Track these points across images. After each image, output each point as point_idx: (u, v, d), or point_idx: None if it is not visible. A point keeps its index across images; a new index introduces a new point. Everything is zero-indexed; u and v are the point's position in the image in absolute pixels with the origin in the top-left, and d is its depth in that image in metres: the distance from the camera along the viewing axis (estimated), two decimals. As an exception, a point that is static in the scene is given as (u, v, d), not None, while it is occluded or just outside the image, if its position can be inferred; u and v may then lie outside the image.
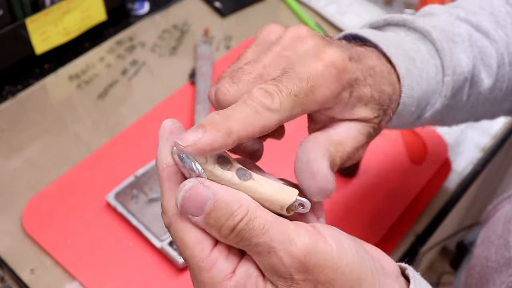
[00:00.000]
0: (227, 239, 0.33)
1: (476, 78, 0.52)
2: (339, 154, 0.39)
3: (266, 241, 0.32)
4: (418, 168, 0.80)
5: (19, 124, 0.85)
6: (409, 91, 0.44)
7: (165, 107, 0.87)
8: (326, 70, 0.37)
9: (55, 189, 0.76)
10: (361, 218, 0.75)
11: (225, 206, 0.32)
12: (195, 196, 0.32)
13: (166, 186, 0.34)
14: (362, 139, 0.40)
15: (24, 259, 0.70)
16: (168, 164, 0.34)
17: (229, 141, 0.33)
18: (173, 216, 0.34)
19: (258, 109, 0.34)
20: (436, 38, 0.48)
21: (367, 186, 0.78)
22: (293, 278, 0.32)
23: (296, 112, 0.36)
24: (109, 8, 0.96)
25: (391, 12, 1.05)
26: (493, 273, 0.53)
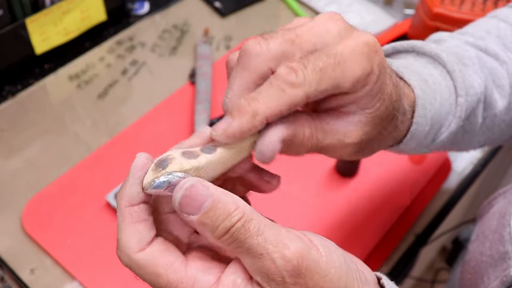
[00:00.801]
0: (220, 239, 0.32)
1: (490, 99, 0.52)
2: (311, 138, 0.38)
3: (260, 243, 0.32)
4: (418, 168, 0.80)
5: (19, 124, 0.85)
6: (422, 111, 0.45)
7: (165, 107, 0.87)
8: (357, 48, 0.36)
9: (55, 189, 0.76)
10: (361, 218, 0.75)
11: (222, 207, 0.32)
12: (195, 194, 0.32)
13: (127, 222, 0.34)
14: (353, 134, 0.39)
15: (24, 259, 0.70)
16: (133, 201, 0.34)
17: (255, 122, 0.34)
18: (134, 253, 0.34)
19: (282, 87, 0.34)
20: (447, 60, 0.49)
21: (367, 186, 0.78)
22: (285, 281, 0.32)
23: (323, 87, 0.35)
24: (109, 8, 0.96)
25: (391, 12, 1.05)
26: (488, 267, 0.53)
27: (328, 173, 0.79)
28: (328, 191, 0.77)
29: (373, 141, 0.42)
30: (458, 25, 0.89)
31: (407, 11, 1.05)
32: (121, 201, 0.35)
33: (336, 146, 0.39)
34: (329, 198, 0.77)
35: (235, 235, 0.32)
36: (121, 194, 0.35)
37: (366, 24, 1.01)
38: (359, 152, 0.41)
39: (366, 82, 0.37)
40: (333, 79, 0.35)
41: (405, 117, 0.44)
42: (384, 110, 0.39)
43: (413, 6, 1.05)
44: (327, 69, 0.35)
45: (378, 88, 0.38)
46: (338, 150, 0.40)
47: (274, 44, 0.36)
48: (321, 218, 0.74)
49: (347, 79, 0.36)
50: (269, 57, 0.36)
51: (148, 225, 0.34)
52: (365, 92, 0.37)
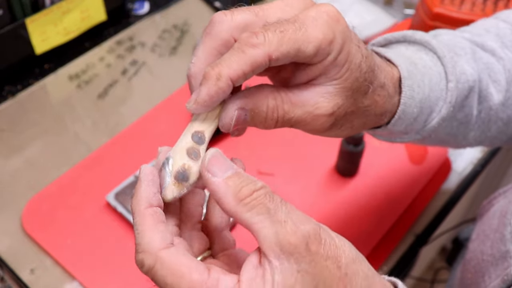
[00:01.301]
0: (241, 203, 0.32)
1: (485, 92, 0.52)
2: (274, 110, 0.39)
3: (284, 210, 0.32)
4: (418, 168, 0.80)
5: (19, 124, 0.85)
6: (409, 92, 0.45)
7: (165, 107, 0.87)
8: (318, 15, 0.37)
9: (55, 189, 0.76)
10: (361, 218, 0.75)
11: (246, 176, 0.33)
12: (223, 159, 0.34)
13: (149, 223, 0.34)
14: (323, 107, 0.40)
15: (24, 259, 0.70)
16: (152, 203, 0.35)
17: (221, 84, 0.35)
18: (159, 251, 0.33)
19: (242, 48, 0.35)
20: (437, 47, 0.49)
21: (367, 186, 0.78)
22: (309, 249, 0.32)
23: (284, 48, 0.36)
24: (109, 8, 0.96)
25: (391, 12, 1.05)
26: (489, 266, 0.54)
27: (328, 173, 0.79)
28: (328, 191, 0.77)
29: (350, 116, 0.42)
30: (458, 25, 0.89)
31: (407, 11, 1.05)
32: (139, 204, 0.35)
33: (307, 119, 0.39)
34: (329, 198, 0.77)
35: (259, 199, 0.32)
36: (137, 198, 0.35)
37: (366, 24, 1.01)
38: (335, 127, 0.41)
39: (330, 49, 0.37)
40: (294, 41, 0.36)
41: (384, 91, 0.43)
42: (353, 81, 0.39)
43: (413, 6, 1.05)
44: (288, 31, 0.36)
45: (344, 58, 0.38)
46: (310, 123, 0.40)
47: (239, 14, 0.38)
48: (321, 218, 0.74)
49: (309, 43, 0.36)
50: (232, 26, 0.37)
51: (168, 228, 0.35)
52: (330, 61, 0.38)
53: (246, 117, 0.38)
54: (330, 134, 0.43)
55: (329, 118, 0.40)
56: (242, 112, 0.37)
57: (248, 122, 0.38)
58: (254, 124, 0.39)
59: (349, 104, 0.40)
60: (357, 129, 0.44)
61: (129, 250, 0.70)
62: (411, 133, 0.49)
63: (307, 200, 0.76)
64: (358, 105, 0.41)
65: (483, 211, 0.63)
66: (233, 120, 0.37)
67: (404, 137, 0.50)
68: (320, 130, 0.41)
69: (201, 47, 0.38)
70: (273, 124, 0.39)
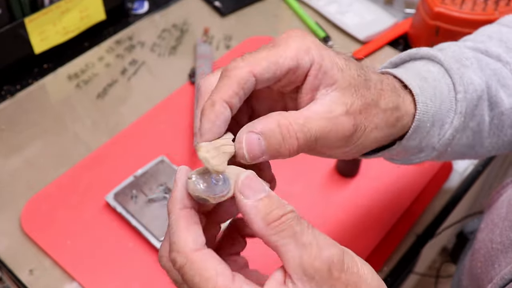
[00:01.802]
0: (269, 226, 0.34)
1: (495, 98, 0.53)
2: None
3: (310, 234, 0.34)
4: (419, 168, 0.80)
5: (18, 124, 0.84)
6: (423, 108, 0.46)
7: (164, 107, 0.87)
8: (288, 35, 0.40)
9: (54, 189, 0.76)
10: (362, 218, 0.74)
11: (277, 199, 0.35)
12: (256, 181, 0.35)
13: (183, 224, 0.36)
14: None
15: (23, 260, 0.70)
16: (186, 205, 0.36)
17: (217, 107, 0.37)
18: (190, 252, 0.35)
19: (227, 74, 0.38)
20: (443, 59, 0.50)
21: (368, 187, 0.78)
22: (332, 274, 0.33)
23: (265, 63, 0.38)
24: (108, 8, 0.96)
25: (391, 12, 1.04)
26: (499, 254, 0.54)
27: (328, 173, 0.79)
28: (328, 191, 0.77)
29: (366, 112, 0.42)
30: (459, 24, 0.89)
31: (408, 11, 1.05)
32: (175, 205, 0.36)
33: (328, 125, 0.39)
34: (329, 198, 0.76)
35: (287, 223, 0.34)
36: (173, 199, 0.37)
37: (366, 24, 1.01)
38: (358, 129, 0.42)
39: (310, 57, 0.39)
40: (271, 55, 0.38)
41: (385, 84, 0.44)
42: (350, 78, 0.40)
43: (413, 5, 1.04)
44: (264, 50, 0.39)
45: (330, 61, 0.40)
46: (333, 129, 0.40)
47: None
48: (322, 218, 0.74)
49: (285, 55, 0.39)
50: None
51: (201, 229, 0.36)
52: (317, 69, 0.39)
53: (260, 141, 0.37)
54: (356, 142, 0.42)
55: (348, 118, 0.40)
56: (254, 137, 0.37)
57: (266, 150, 0.38)
58: (274, 150, 0.38)
59: (359, 101, 0.41)
60: (381, 129, 0.44)
61: (129, 251, 0.70)
62: (427, 150, 0.50)
63: (307, 201, 0.76)
64: (367, 100, 0.42)
65: (491, 201, 0.64)
66: (243, 144, 0.37)
67: (421, 156, 0.50)
68: (347, 135, 0.41)
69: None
70: (294, 143, 0.39)
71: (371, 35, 0.99)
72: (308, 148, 0.40)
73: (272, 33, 1.01)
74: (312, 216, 0.75)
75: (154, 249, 0.70)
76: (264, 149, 0.37)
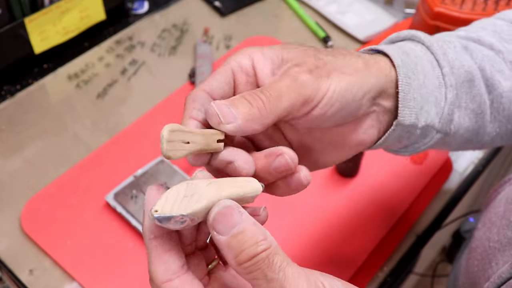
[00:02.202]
0: (241, 266, 0.33)
1: (492, 81, 0.52)
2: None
3: (280, 279, 0.33)
4: (419, 168, 0.80)
5: (18, 124, 0.84)
6: (406, 79, 0.45)
7: (164, 107, 0.87)
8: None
9: (54, 189, 0.76)
10: (362, 218, 0.74)
11: (251, 234, 0.33)
12: (229, 215, 0.33)
13: (154, 254, 0.35)
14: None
15: (23, 260, 0.70)
16: (156, 234, 0.35)
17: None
18: (161, 283, 0.35)
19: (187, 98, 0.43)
20: (424, 37, 0.49)
21: (368, 187, 0.78)
22: None
23: (209, 78, 0.42)
24: (109, 8, 0.96)
25: (391, 12, 1.04)
26: (496, 253, 0.54)
27: (328, 173, 0.79)
28: (328, 191, 0.77)
29: (323, 68, 0.42)
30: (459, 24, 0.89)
31: (408, 11, 1.05)
32: (145, 235, 0.36)
33: (285, 81, 0.40)
34: (329, 198, 0.76)
35: (257, 264, 0.33)
36: (143, 229, 0.36)
37: (366, 24, 1.01)
38: (314, 72, 0.42)
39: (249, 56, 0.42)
40: (215, 72, 0.43)
41: (373, 59, 0.45)
42: (293, 47, 0.43)
43: (413, 5, 1.04)
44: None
45: (268, 50, 0.43)
46: (291, 78, 0.41)
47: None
48: (322, 218, 0.74)
49: (223, 67, 0.42)
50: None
51: (174, 255, 0.35)
52: (260, 59, 0.42)
53: (227, 106, 0.39)
54: (328, 88, 0.42)
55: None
56: (221, 102, 0.39)
57: (237, 113, 0.39)
58: (244, 113, 0.39)
59: (308, 58, 0.42)
60: (350, 74, 0.44)
61: (129, 251, 0.70)
62: (429, 132, 0.49)
63: (307, 201, 0.76)
64: (316, 54, 0.43)
65: (489, 200, 0.64)
66: (215, 108, 0.39)
67: (426, 141, 0.50)
68: (306, 76, 0.41)
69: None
70: (258, 101, 0.39)
71: (371, 35, 0.99)
72: (279, 111, 0.40)
73: (272, 33, 1.01)
74: (312, 216, 0.75)
75: (154, 249, 0.70)
76: (234, 112, 0.38)
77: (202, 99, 0.42)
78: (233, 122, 0.38)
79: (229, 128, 0.38)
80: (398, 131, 0.47)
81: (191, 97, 0.42)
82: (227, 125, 0.38)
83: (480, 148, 0.58)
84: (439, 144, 0.51)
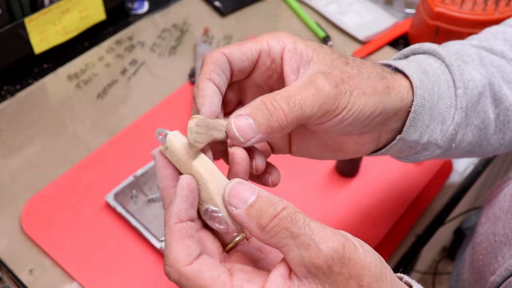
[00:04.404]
0: (264, 231, 0.34)
1: (499, 95, 0.53)
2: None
3: (307, 233, 0.33)
4: (419, 168, 0.80)
5: (18, 124, 0.84)
6: (421, 101, 0.46)
7: (164, 107, 0.87)
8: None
9: (54, 189, 0.76)
10: (362, 218, 0.74)
11: (266, 199, 0.34)
12: (242, 189, 0.35)
13: (176, 238, 0.36)
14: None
15: (23, 260, 0.69)
16: (182, 218, 0.37)
17: (202, 84, 0.41)
18: (183, 267, 0.35)
19: (203, 61, 0.43)
20: (445, 55, 0.50)
21: (368, 187, 0.78)
22: (332, 270, 0.33)
23: (236, 47, 0.43)
24: (109, 8, 0.96)
25: (391, 12, 1.04)
26: (502, 247, 0.55)
27: (328, 173, 0.79)
28: (328, 191, 0.77)
29: (348, 86, 0.43)
30: (459, 24, 0.89)
31: (408, 11, 1.05)
32: (170, 219, 0.37)
33: (310, 93, 0.41)
34: (329, 199, 0.76)
35: (281, 224, 0.33)
36: (169, 213, 0.37)
37: (366, 24, 1.01)
38: (339, 96, 0.42)
39: (278, 42, 0.43)
40: (243, 43, 0.43)
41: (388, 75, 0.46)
42: (325, 53, 0.43)
43: (413, 5, 1.04)
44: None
45: (301, 45, 0.43)
46: (317, 97, 0.41)
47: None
48: (322, 218, 0.74)
49: (255, 41, 0.44)
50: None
51: (195, 241, 0.37)
52: (290, 51, 0.43)
53: (248, 121, 0.39)
54: (346, 107, 0.43)
55: (329, 81, 0.42)
56: (242, 117, 0.40)
57: (257, 128, 0.39)
58: (264, 125, 0.40)
59: (337, 71, 0.43)
60: (370, 95, 0.44)
61: (129, 251, 0.70)
62: (430, 147, 0.50)
63: (307, 200, 0.76)
64: (346, 70, 0.43)
65: (491, 195, 0.65)
66: (233, 125, 0.39)
67: (426, 154, 0.51)
68: (331, 98, 0.41)
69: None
70: (281, 114, 0.40)
71: (371, 35, 0.99)
72: (299, 121, 0.40)
73: (272, 33, 1.01)
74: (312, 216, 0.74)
75: (154, 249, 0.70)
76: (255, 127, 0.39)
77: (222, 64, 0.42)
78: (253, 137, 0.39)
79: (249, 144, 0.39)
80: (399, 145, 0.49)
81: (211, 58, 0.42)
82: (247, 142, 0.39)
83: (483, 156, 0.59)
84: (440, 156, 0.53)
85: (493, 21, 0.66)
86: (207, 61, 0.42)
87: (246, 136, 0.39)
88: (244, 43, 0.43)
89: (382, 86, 0.44)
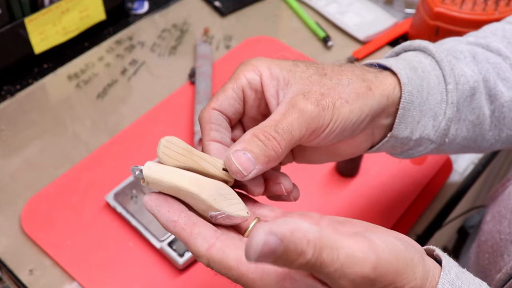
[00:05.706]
0: (297, 271, 0.35)
1: (494, 91, 0.53)
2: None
3: (337, 269, 0.33)
4: (419, 168, 0.80)
5: (18, 124, 0.84)
6: (409, 97, 0.47)
7: (164, 107, 0.87)
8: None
9: (54, 189, 0.76)
10: (362, 218, 0.74)
11: (294, 248, 0.31)
12: (268, 247, 0.30)
13: (186, 234, 0.38)
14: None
15: (23, 260, 0.69)
16: (176, 219, 0.39)
17: (208, 137, 0.44)
18: (206, 253, 0.37)
19: (199, 121, 0.46)
20: (435, 51, 0.51)
21: (368, 187, 0.78)
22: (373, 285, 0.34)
23: (221, 97, 0.45)
24: (109, 8, 0.96)
25: (391, 12, 1.04)
26: (508, 245, 0.55)
27: (328, 173, 0.79)
28: (328, 191, 0.77)
29: (330, 99, 0.44)
30: (459, 24, 0.89)
31: (408, 11, 1.05)
32: (168, 226, 0.39)
33: (295, 117, 0.42)
34: (329, 198, 0.76)
35: (311, 268, 0.33)
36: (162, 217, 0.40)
37: (366, 24, 1.01)
38: (323, 112, 0.43)
39: (254, 71, 0.45)
40: (225, 88, 0.45)
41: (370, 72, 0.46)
42: (301, 72, 0.44)
43: (413, 5, 1.04)
44: (221, 88, 0.46)
45: (276, 69, 0.44)
46: (302, 119, 0.42)
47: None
48: (322, 218, 0.74)
49: (234, 79, 0.45)
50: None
51: (202, 225, 0.38)
52: (267, 77, 0.44)
53: (246, 154, 0.41)
54: (333, 119, 0.43)
55: (310, 101, 0.43)
56: (239, 152, 0.41)
57: (255, 159, 0.40)
58: (261, 156, 0.41)
59: (316, 86, 0.44)
60: (354, 101, 0.45)
61: (129, 251, 0.70)
62: (424, 142, 0.51)
63: (307, 200, 0.76)
64: (325, 83, 0.44)
65: (496, 194, 0.65)
66: (233, 160, 0.40)
67: (420, 149, 0.52)
68: (315, 117, 0.42)
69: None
70: (275, 144, 0.41)
71: (371, 35, 0.99)
72: (291, 145, 0.42)
73: (272, 33, 1.01)
74: (312, 216, 0.74)
75: (154, 249, 0.70)
76: (253, 160, 0.40)
77: (217, 120, 0.44)
78: (253, 170, 0.40)
79: (250, 177, 0.40)
80: (391, 142, 0.50)
81: (205, 118, 0.44)
82: (249, 175, 0.40)
83: (480, 152, 0.60)
84: (435, 151, 0.53)
85: (493, 21, 0.66)
86: (202, 123, 0.44)
87: (247, 168, 0.40)
88: (225, 88, 0.44)
89: (364, 89, 0.45)
